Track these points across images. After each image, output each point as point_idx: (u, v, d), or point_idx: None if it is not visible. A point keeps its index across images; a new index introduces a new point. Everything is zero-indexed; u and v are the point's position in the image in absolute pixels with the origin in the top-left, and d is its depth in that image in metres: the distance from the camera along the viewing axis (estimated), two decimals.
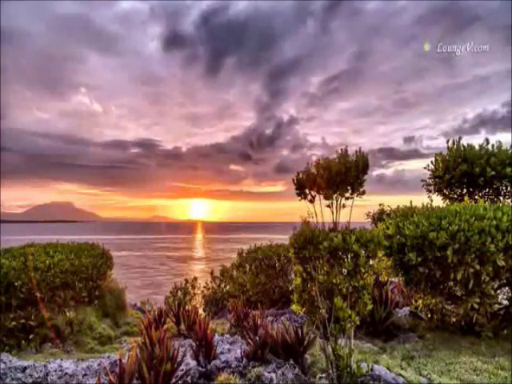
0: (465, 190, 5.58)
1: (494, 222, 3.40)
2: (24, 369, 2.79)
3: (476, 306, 3.50)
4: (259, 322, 3.54)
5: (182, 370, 2.70)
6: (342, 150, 2.47)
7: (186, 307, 4.73)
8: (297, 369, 2.70)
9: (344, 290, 2.34)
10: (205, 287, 8.69)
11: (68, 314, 4.97)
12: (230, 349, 3.21)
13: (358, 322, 2.36)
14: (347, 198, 2.49)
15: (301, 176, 2.59)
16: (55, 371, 2.79)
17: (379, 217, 6.18)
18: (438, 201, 5.88)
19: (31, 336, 4.44)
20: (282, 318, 4.89)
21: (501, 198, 5.30)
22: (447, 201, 5.85)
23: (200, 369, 2.81)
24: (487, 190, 5.38)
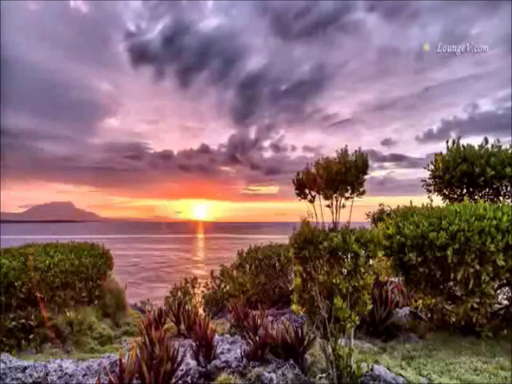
0: (465, 190, 5.58)
1: (494, 222, 3.39)
2: (24, 369, 2.79)
3: (476, 305, 3.50)
4: (259, 322, 3.53)
5: (182, 370, 2.70)
6: (341, 149, 2.47)
7: (186, 307, 4.73)
8: (297, 369, 2.70)
9: (344, 290, 2.33)
10: (205, 287, 8.69)
11: (68, 313, 4.97)
12: (230, 349, 3.21)
13: (357, 322, 2.36)
14: (347, 198, 2.49)
15: (301, 176, 2.59)
16: (55, 371, 2.79)
17: (379, 217, 6.18)
18: (438, 201, 5.89)
19: (31, 336, 4.44)
20: (282, 317, 4.88)
21: (501, 198, 5.30)
22: (447, 201, 5.84)
23: (200, 369, 2.81)
24: (487, 189, 5.38)
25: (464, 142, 5.58)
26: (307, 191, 2.58)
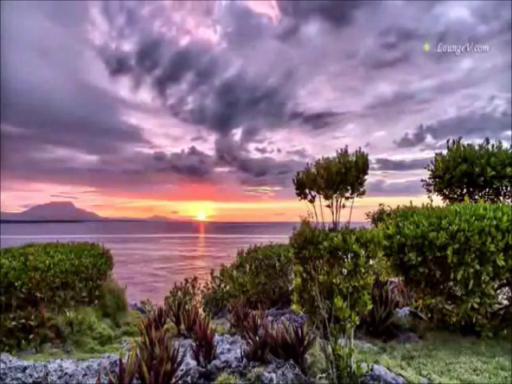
0: (465, 190, 5.58)
1: (494, 222, 3.40)
2: (24, 369, 2.79)
3: (476, 305, 3.50)
4: (259, 322, 3.53)
5: (182, 370, 2.70)
6: (341, 149, 2.47)
7: (186, 307, 4.73)
8: (297, 369, 2.70)
9: (344, 289, 2.33)
10: (205, 287, 8.69)
11: (68, 313, 4.97)
12: (230, 349, 3.21)
13: (357, 322, 2.36)
14: (347, 198, 2.49)
15: (301, 176, 2.59)
16: (55, 371, 2.79)
17: (379, 217, 6.18)
18: (438, 201, 5.89)
19: (31, 336, 4.43)
20: (282, 317, 4.89)
21: (501, 198, 5.30)
22: (447, 201, 5.85)
23: (200, 369, 2.81)
24: (487, 190, 5.39)
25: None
26: (307, 191, 2.58)
